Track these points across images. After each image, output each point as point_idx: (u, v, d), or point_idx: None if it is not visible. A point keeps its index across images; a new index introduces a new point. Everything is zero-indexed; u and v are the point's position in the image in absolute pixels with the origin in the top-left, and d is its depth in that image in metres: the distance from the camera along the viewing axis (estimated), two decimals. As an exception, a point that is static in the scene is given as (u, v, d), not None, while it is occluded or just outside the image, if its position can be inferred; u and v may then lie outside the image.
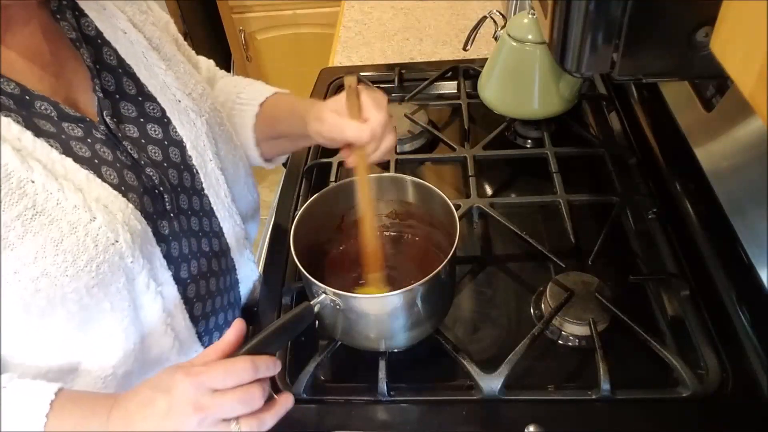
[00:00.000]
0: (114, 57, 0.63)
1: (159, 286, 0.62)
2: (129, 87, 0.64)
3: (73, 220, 0.53)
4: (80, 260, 0.53)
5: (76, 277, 0.53)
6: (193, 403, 0.49)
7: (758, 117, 0.66)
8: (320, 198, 0.73)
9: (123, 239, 0.56)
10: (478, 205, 0.87)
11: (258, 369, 0.51)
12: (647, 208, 0.86)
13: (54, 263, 0.52)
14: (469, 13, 1.46)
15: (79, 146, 0.56)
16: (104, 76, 0.62)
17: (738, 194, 0.70)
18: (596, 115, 1.08)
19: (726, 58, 0.34)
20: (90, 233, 0.54)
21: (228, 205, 0.74)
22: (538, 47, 0.93)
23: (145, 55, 0.66)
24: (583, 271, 0.77)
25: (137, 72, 0.64)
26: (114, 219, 0.56)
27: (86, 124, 0.58)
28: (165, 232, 0.63)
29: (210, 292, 0.71)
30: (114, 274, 0.56)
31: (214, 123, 0.72)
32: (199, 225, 0.69)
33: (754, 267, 0.65)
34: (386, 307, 0.64)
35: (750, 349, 0.66)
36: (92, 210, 0.54)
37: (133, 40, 0.65)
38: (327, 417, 0.67)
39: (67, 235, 0.53)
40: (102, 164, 0.57)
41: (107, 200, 0.56)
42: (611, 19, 0.49)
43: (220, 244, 0.73)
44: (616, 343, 0.69)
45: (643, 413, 0.64)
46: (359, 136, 0.62)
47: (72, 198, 0.53)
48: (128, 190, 0.59)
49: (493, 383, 0.66)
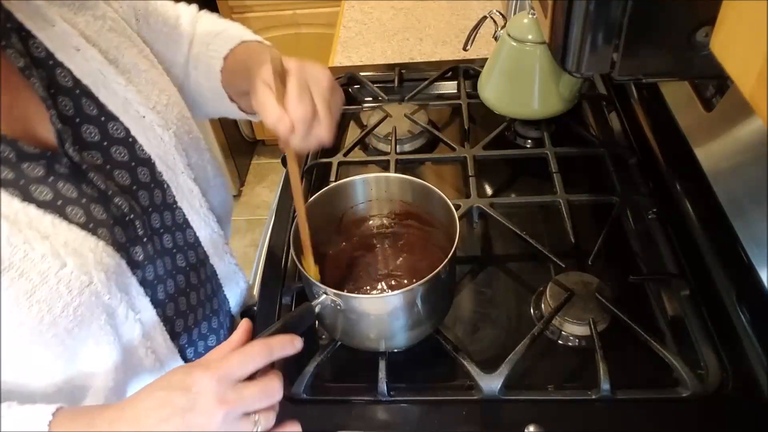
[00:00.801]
0: (69, 78, 0.59)
1: (137, 314, 0.60)
2: (89, 108, 0.60)
3: (43, 269, 0.51)
4: (56, 308, 0.52)
5: (53, 324, 0.52)
6: (218, 398, 0.47)
7: (758, 117, 0.66)
8: (319, 198, 0.73)
9: (97, 279, 0.54)
10: (478, 205, 0.87)
11: (273, 350, 0.51)
12: (647, 208, 0.86)
13: (29, 315, 0.51)
14: (469, 13, 1.46)
15: (41, 189, 0.54)
16: (61, 101, 0.58)
17: (738, 194, 0.70)
18: (596, 115, 1.08)
19: (726, 58, 0.34)
20: (62, 280, 0.52)
21: (204, 215, 0.71)
22: (538, 47, 0.93)
23: (102, 72, 0.61)
24: (583, 271, 0.78)
25: (95, 91, 0.60)
26: (85, 261, 0.54)
27: (47, 160, 0.55)
28: (139, 258, 0.61)
29: (191, 306, 0.70)
30: (93, 313, 0.55)
31: (183, 132, 0.69)
32: (172, 242, 0.67)
33: (754, 267, 0.65)
34: (386, 307, 0.64)
35: (750, 349, 0.66)
36: (61, 256, 0.52)
37: (88, 57, 0.60)
38: (327, 417, 0.67)
39: (39, 286, 0.51)
40: (66, 204, 0.55)
41: (76, 243, 0.54)
42: (611, 19, 0.49)
43: (196, 254, 0.72)
44: (616, 343, 0.69)
45: (643, 413, 0.64)
46: (276, 127, 0.57)
47: (39, 248, 0.51)
48: (97, 225, 0.56)
49: (493, 383, 0.66)
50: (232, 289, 0.80)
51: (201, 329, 0.73)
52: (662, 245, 0.81)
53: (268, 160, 2.77)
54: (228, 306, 0.80)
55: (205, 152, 0.74)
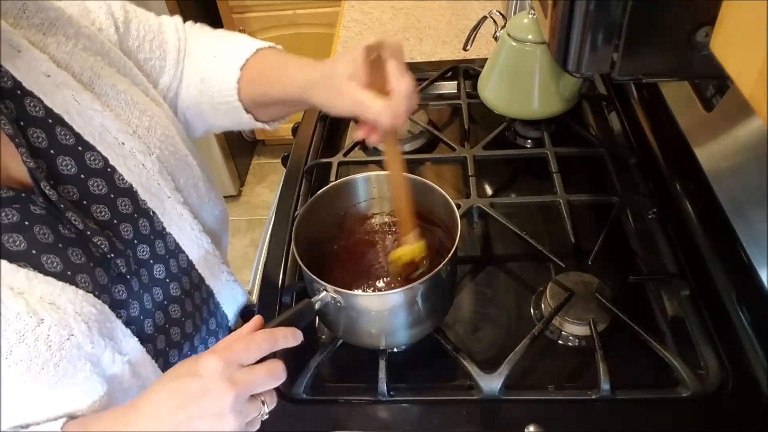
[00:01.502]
0: (40, 107, 0.54)
1: (124, 356, 0.58)
2: (65, 137, 0.56)
3: (19, 328, 0.49)
4: (35, 365, 0.50)
5: (34, 380, 0.51)
6: (228, 379, 0.48)
7: (758, 117, 0.66)
8: (323, 195, 0.73)
9: (78, 331, 0.52)
10: (478, 205, 0.87)
11: (277, 339, 0.52)
12: (647, 208, 0.86)
13: (8, 374, 0.50)
14: (469, 13, 1.46)
15: (13, 239, 0.51)
16: (32, 133, 0.54)
17: (738, 194, 0.70)
18: (596, 115, 1.08)
19: (726, 58, 0.34)
20: (40, 337, 0.50)
21: (196, 237, 0.68)
22: (538, 47, 0.93)
23: (75, 98, 0.57)
24: (583, 271, 0.78)
25: (69, 120, 0.56)
26: (64, 314, 0.51)
27: (22, 203, 0.52)
28: (123, 296, 0.59)
29: (185, 335, 0.68)
30: (75, 366, 0.53)
31: (168, 155, 0.65)
32: (165, 270, 0.65)
33: (754, 267, 0.65)
34: (387, 305, 0.64)
35: (750, 349, 0.66)
36: (38, 313, 0.50)
37: (59, 82, 0.56)
38: (327, 417, 0.67)
39: (15, 345, 0.49)
40: (42, 253, 0.52)
41: (53, 295, 0.51)
42: (611, 19, 0.49)
43: (190, 279, 0.69)
44: (616, 343, 0.69)
45: (643, 413, 0.64)
46: (386, 118, 0.56)
47: (13, 306, 0.49)
48: (75, 272, 0.54)
49: (493, 383, 0.66)
50: (230, 305, 0.78)
51: (206, 347, 0.72)
52: (662, 245, 0.81)
53: (268, 160, 2.77)
54: (227, 322, 0.79)
55: (195, 168, 0.70)
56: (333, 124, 1.14)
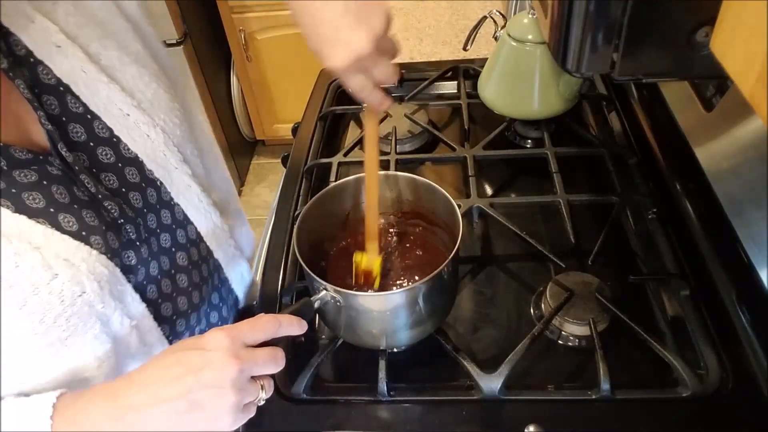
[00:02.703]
0: (51, 76, 0.57)
1: (133, 320, 0.60)
2: (75, 106, 0.58)
3: (34, 280, 0.51)
4: (48, 318, 0.52)
5: (45, 333, 0.52)
6: (233, 353, 0.48)
7: (758, 117, 0.66)
8: (325, 195, 0.73)
9: (90, 289, 0.54)
10: (478, 205, 0.87)
11: (281, 324, 0.53)
12: (647, 208, 0.86)
13: (20, 325, 0.51)
14: (469, 13, 1.46)
15: (33, 196, 0.53)
16: (46, 100, 0.56)
17: (738, 194, 0.70)
18: (596, 115, 1.08)
19: (726, 58, 0.34)
20: (53, 291, 0.52)
21: (204, 209, 0.70)
22: (538, 47, 0.93)
23: (83, 69, 0.59)
24: (583, 271, 0.78)
25: (76, 90, 0.58)
26: (78, 271, 0.53)
27: (39, 165, 0.54)
28: (132, 262, 0.60)
29: (192, 305, 0.70)
30: (86, 323, 0.54)
31: (173, 126, 0.66)
32: (172, 240, 0.66)
33: (754, 267, 0.65)
34: (388, 305, 0.64)
35: (750, 349, 0.66)
36: (53, 267, 0.52)
37: (68, 54, 0.58)
38: (327, 417, 0.67)
39: (30, 297, 0.50)
40: (59, 211, 0.54)
41: (68, 253, 0.53)
42: (611, 19, 0.49)
43: (198, 251, 0.71)
44: (616, 343, 0.69)
45: (643, 413, 0.64)
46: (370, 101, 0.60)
47: (29, 259, 0.50)
48: (90, 233, 0.55)
49: (493, 383, 0.66)
50: (237, 282, 0.80)
51: (209, 321, 0.73)
52: (662, 245, 0.81)
53: (268, 160, 2.77)
54: (234, 296, 0.81)
55: (199, 139, 0.72)
56: (333, 124, 1.14)
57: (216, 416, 0.49)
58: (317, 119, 1.10)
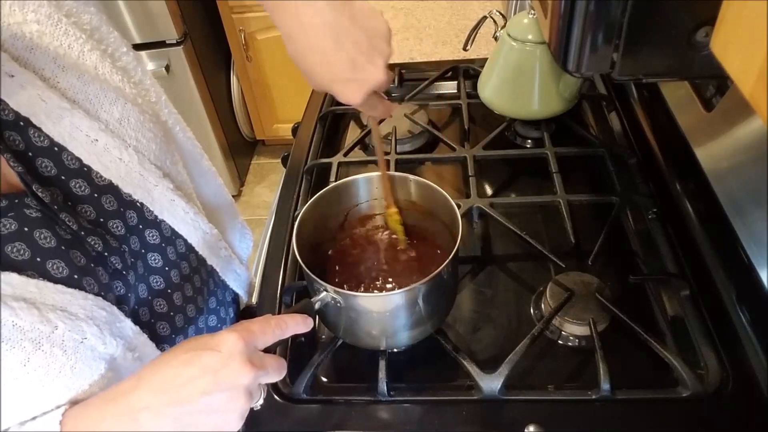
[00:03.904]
0: (9, 111, 0.51)
1: (136, 353, 0.58)
2: (38, 140, 0.53)
3: (34, 337, 0.49)
4: (52, 370, 0.51)
5: (52, 385, 0.51)
6: (248, 358, 0.48)
7: (758, 117, 0.66)
8: (324, 195, 0.73)
9: (90, 333, 0.53)
10: (478, 205, 0.87)
11: (288, 324, 0.53)
12: (647, 208, 0.86)
13: (26, 381, 0.50)
14: (469, 13, 1.46)
15: (16, 248, 0.50)
16: (8, 136, 0.51)
17: (738, 194, 0.70)
18: (596, 115, 1.08)
19: (726, 58, 0.34)
20: (55, 343, 0.50)
21: (192, 220, 0.67)
22: (538, 47, 0.93)
23: (42, 98, 0.53)
24: (583, 271, 0.78)
25: (37, 122, 0.53)
26: (77, 319, 0.52)
27: (17, 210, 0.51)
28: (122, 292, 0.58)
29: (188, 319, 0.69)
30: (91, 366, 0.53)
31: (146, 142, 0.62)
32: (163, 259, 0.64)
33: (754, 267, 0.65)
34: (387, 306, 0.64)
35: (750, 349, 0.66)
36: (51, 321, 0.50)
37: (23, 82, 0.52)
38: (327, 417, 0.67)
39: (33, 353, 0.49)
40: (46, 258, 0.51)
41: (64, 302, 0.51)
42: (611, 19, 0.49)
43: (189, 263, 0.69)
44: (616, 343, 0.69)
45: (643, 413, 0.64)
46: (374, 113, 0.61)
47: (26, 317, 0.49)
48: (81, 275, 0.53)
49: (493, 383, 0.66)
50: (232, 280, 0.79)
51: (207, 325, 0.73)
52: (662, 245, 0.81)
53: (268, 160, 2.77)
54: (231, 296, 0.80)
55: (184, 144, 0.69)
56: (333, 124, 1.14)
57: (227, 419, 0.49)
58: (317, 119, 1.10)
